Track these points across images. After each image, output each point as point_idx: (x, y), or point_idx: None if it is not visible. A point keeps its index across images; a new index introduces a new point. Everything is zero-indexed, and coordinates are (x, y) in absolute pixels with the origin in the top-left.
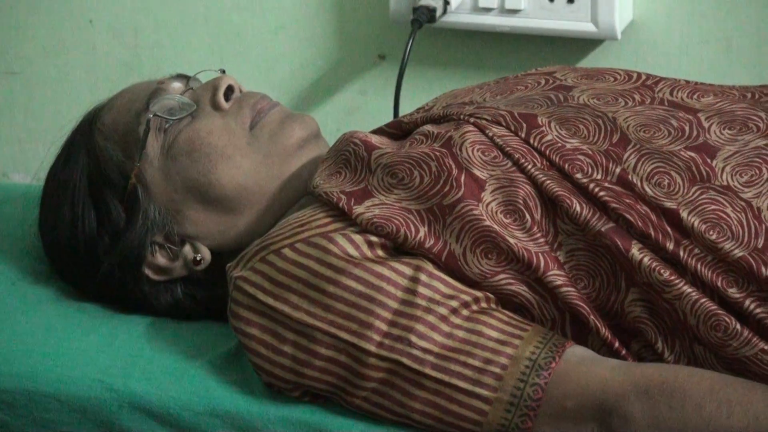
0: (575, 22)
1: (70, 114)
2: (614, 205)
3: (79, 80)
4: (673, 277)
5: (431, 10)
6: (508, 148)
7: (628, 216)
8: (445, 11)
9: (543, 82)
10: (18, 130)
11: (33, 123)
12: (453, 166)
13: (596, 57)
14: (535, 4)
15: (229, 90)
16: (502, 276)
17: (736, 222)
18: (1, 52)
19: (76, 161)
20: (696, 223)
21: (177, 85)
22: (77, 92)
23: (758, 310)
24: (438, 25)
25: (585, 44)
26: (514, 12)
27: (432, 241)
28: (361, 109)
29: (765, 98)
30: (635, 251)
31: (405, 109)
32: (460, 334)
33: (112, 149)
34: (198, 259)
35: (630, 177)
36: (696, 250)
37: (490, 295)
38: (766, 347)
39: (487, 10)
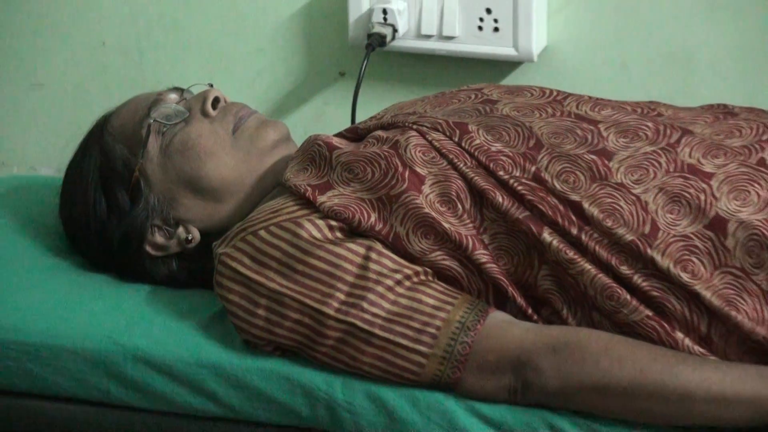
0: (500, 47)
1: (85, 118)
2: (529, 197)
3: (93, 91)
4: (576, 257)
5: (382, 37)
6: (444, 150)
7: (540, 206)
8: (393, 37)
9: (473, 96)
10: (43, 131)
11: (55, 125)
12: (399, 164)
13: (516, 76)
14: (467, 31)
15: (216, 100)
16: (437, 253)
17: (627, 212)
18: (29, 68)
19: (90, 157)
20: (595, 213)
21: (173, 96)
22: (91, 101)
23: (644, 284)
24: (388, 49)
25: (508, 65)
26: (450, 38)
27: (381, 225)
28: (325, 117)
29: (652, 112)
30: (546, 235)
31: (360, 117)
32: (403, 301)
33: (119, 148)
34: (189, 238)
35: (543, 175)
36: (595, 235)
37: (428, 270)
38: (649, 313)
39: (428, 36)
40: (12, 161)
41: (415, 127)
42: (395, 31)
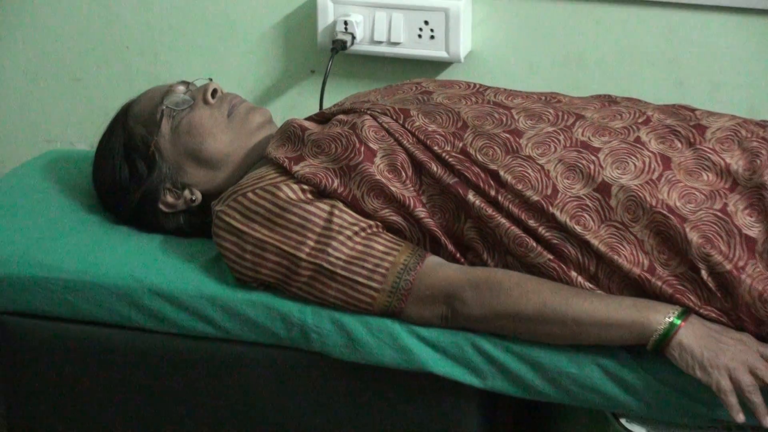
0: (435, 51)
1: (112, 105)
2: (458, 167)
3: (119, 84)
4: (494, 213)
5: (344, 42)
6: (391, 130)
7: (466, 174)
8: (352, 43)
9: (414, 88)
10: (81, 115)
11: (90, 110)
12: (356, 141)
13: (448, 73)
14: (409, 39)
15: (214, 91)
16: (386, 211)
17: (533, 178)
18: (70, 66)
19: (116, 135)
20: (509, 179)
21: (181, 88)
22: (118, 91)
23: (547, 234)
24: (348, 52)
25: (441, 65)
26: (396, 44)
27: (342, 188)
28: (299, 105)
29: (553, 100)
30: (470, 196)
31: (326, 105)
32: (360, 247)
33: (138, 128)
34: (194, 198)
35: (468, 149)
36: (509, 196)
37: (379, 223)
38: (550, 257)
39: (379, 42)
40: (56, 138)
41: (369, 112)
42: (354, 38)
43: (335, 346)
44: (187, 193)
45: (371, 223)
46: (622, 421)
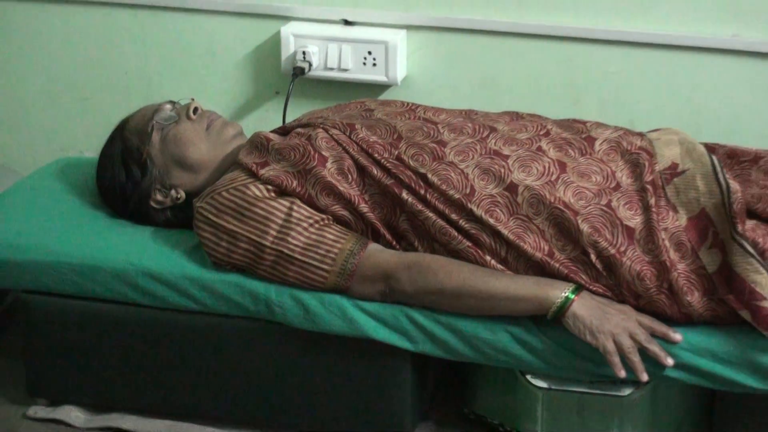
0: (377, 76)
1: (114, 120)
2: (394, 171)
3: (119, 103)
4: (423, 209)
5: (302, 68)
6: (339, 141)
7: (401, 176)
8: (309, 69)
9: (359, 106)
10: (88, 128)
11: (95, 124)
12: (311, 150)
13: (387, 93)
14: (356, 66)
15: (195, 109)
16: (336, 207)
17: (455, 180)
18: (79, 88)
19: (115, 145)
20: (435, 180)
21: (168, 106)
22: (119, 108)
23: (466, 226)
24: (306, 77)
25: (381, 88)
26: (345, 70)
27: (300, 188)
28: (265, 120)
29: (472, 116)
30: (404, 195)
31: (288, 120)
32: (314, 237)
33: (134, 139)
34: (178, 197)
35: (402, 156)
36: (435, 194)
37: (330, 217)
38: (469, 244)
39: (331, 69)
40: (67, 148)
41: (321, 126)
42: (311, 65)
43: (294, 317)
44: (173, 192)
45: (323, 216)
46: (528, 377)
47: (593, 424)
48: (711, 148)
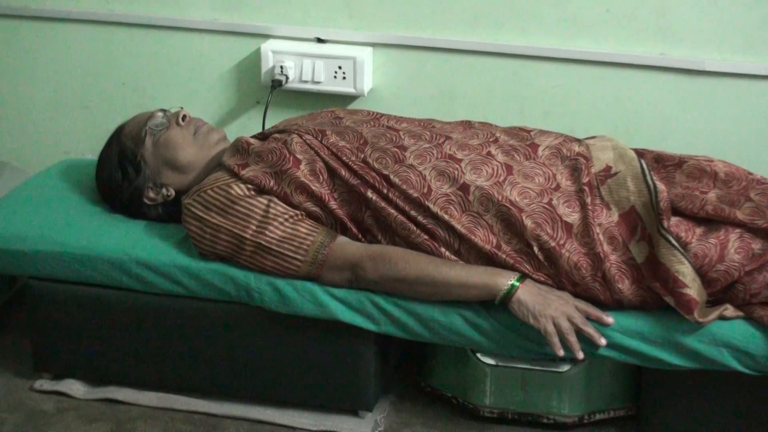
0: (346, 88)
1: (112, 126)
2: (360, 172)
3: (117, 110)
4: (386, 206)
5: (280, 81)
6: (312, 145)
7: (366, 177)
8: (287, 82)
9: (329, 115)
10: (89, 133)
11: (95, 130)
12: (287, 153)
13: (355, 104)
14: (328, 78)
15: (184, 116)
16: (308, 204)
17: (414, 181)
18: (81, 97)
19: (112, 148)
20: (397, 181)
21: (160, 114)
22: (116, 115)
23: (424, 221)
24: (283, 88)
25: (350, 98)
26: (318, 82)
27: (276, 187)
28: (247, 127)
29: (429, 125)
30: (369, 194)
31: (267, 126)
32: (289, 230)
33: (129, 143)
34: (169, 195)
35: (368, 159)
36: (397, 193)
37: (303, 213)
38: (426, 237)
39: (306, 81)
40: (70, 150)
41: (296, 132)
42: (287, 78)
43: (271, 301)
44: (164, 190)
45: (297, 212)
46: (478, 355)
47: (535, 397)
48: (640, 153)
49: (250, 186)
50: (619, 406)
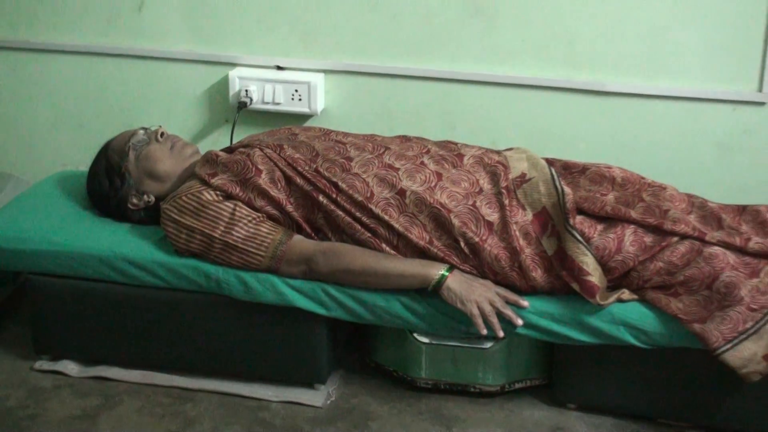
0: (302, 108)
1: (102, 143)
2: (313, 180)
3: (107, 129)
4: (335, 209)
5: (245, 103)
6: (272, 158)
7: (318, 184)
8: (251, 103)
9: (287, 131)
10: (83, 148)
11: (89, 146)
12: (250, 164)
13: (310, 121)
14: (286, 100)
15: (162, 134)
16: (268, 207)
17: (359, 186)
18: (77, 117)
19: (101, 161)
20: (344, 187)
21: (141, 132)
22: (106, 134)
23: (368, 221)
24: (248, 109)
25: (305, 117)
26: (277, 104)
27: (241, 193)
28: (217, 142)
29: (372, 139)
30: (321, 198)
31: (234, 140)
32: (252, 230)
33: (115, 157)
34: (149, 201)
35: (319, 169)
36: (344, 197)
37: (264, 215)
38: (369, 235)
39: (267, 102)
40: (68, 163)
41: (258, 146)
42: (252, 100)
43: (237, 291)
44: (145, 197)
45: (259, 215)
46: (414, 335)
47: (463, 370)
48: (550, 162)
49: (218, 192)
50: (534, 376)
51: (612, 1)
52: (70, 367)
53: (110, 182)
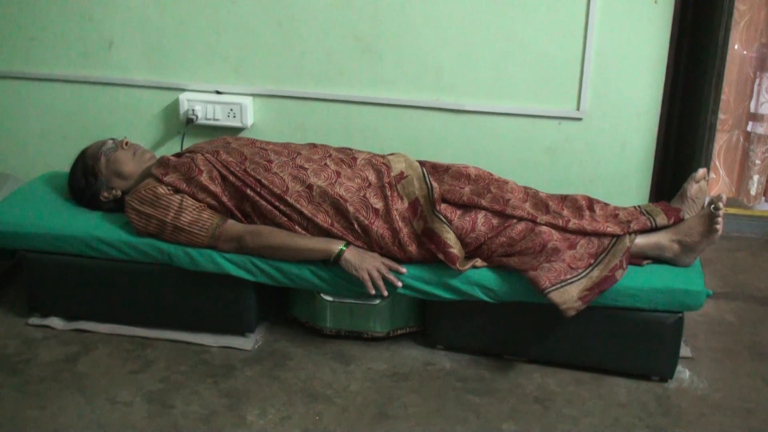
0: (236, 123)
1: (79, 148)
2: (242, 177)
3: (85, 140)
4: (259, 199)
5: (192, 119)
6: (210, 161)
7: (246, 181)
8: (197, 120)
9: (223, 141)
10: (67, 155)
11: (71, 153)
12: (194, 166)
13: (242, 134)
14: (224, 117)
15: (127, 143)
16: (208, 199)
17: (278, 182)
18: (63, 130)
19: (79, 164)
20: (266, 183)
21: (110, 141)
22: (84, 143)
23: (285, 209)
24: (194, 124)
25: (238, 130)
26: (217, 120)
27: (187, 188)
28: (170, 149)
29: (288, 146)
30: (248, 192)
31: (184, 148)
32: (195, 216)
33: (90, 161)
34: (117, 194)
35: (247, 169)
36: (266, 191)
37: (205, 204)
38: (285, 220)
39: (210, 119)
40: (55, 165)
41: (200, 152)
42: (197, 117)
43: (185, 263)
44: (113, 191)
45: (201, 204)
46: (321, 294)
47: (358, 320)
48: (422, 163)
49: (169, 187)
50: (412, 325)
51: (469, 42)
52: (56, 322)
53: (86, 180)
